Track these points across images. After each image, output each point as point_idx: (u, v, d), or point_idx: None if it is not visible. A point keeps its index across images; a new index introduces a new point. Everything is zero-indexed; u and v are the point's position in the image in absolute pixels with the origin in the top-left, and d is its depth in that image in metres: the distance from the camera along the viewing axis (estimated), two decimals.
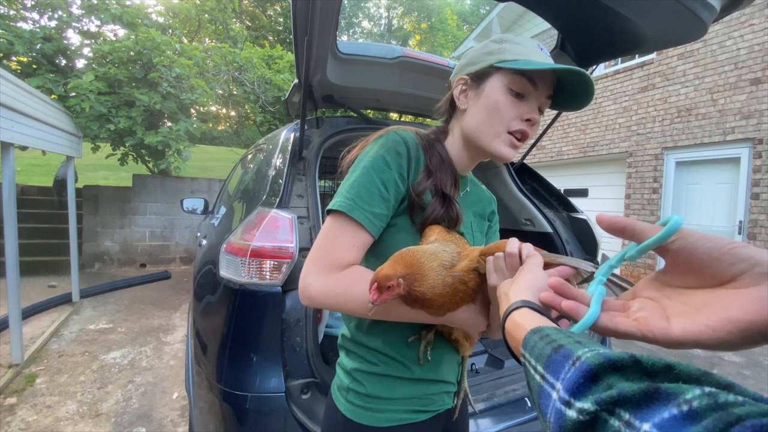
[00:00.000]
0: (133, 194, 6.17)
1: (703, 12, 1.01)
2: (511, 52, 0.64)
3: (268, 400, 1.11)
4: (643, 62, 5.93)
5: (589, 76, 0.60)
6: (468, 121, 0.70)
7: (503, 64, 0.63)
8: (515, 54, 0.64)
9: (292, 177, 1.38)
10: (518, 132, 0.66)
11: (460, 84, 0.70)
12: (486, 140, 0.67)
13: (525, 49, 0.64)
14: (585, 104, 0.65)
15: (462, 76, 0.70)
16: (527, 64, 0.61)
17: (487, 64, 0.66)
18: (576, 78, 0.62)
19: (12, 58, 5.12)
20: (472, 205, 0.80)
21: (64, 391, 2.48)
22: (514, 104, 0.65)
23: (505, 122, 0.65)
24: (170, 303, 4.44)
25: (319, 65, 1.43)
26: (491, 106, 0.65)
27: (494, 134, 0.66)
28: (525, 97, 0.65)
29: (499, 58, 0.64)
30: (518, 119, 0.65)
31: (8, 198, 2.65)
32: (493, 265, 0.55)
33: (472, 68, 0.68)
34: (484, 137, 0.67)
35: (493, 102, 0.65)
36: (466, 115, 0.70)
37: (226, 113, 7.65)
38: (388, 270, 0.53)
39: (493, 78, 0.66)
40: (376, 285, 0.52)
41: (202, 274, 1.61)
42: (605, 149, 6.51)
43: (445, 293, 0.55)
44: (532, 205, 1.87)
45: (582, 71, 0.60)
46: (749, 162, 4.72)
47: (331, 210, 0.64)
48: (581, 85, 0.62)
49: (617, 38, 1.19)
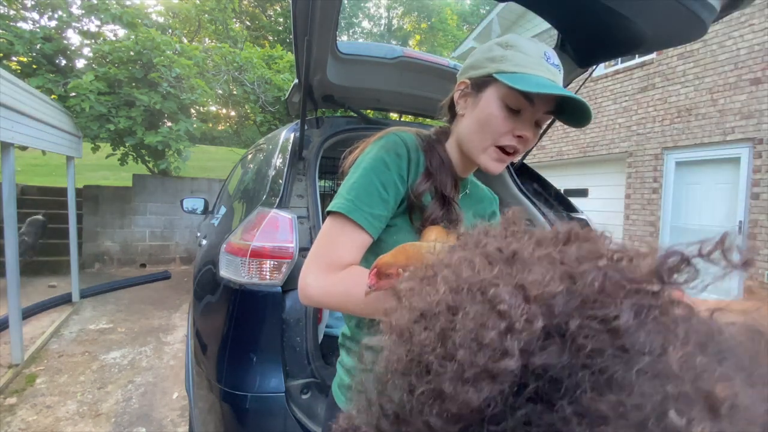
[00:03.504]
0: (133, 194, 6.17)
1: (703, 12, 1.01)
2: (513, 62, 0.61)
3: (268, 400, 1.11)
4: (643, 62, 5.93)
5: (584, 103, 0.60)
6: (462, 128, 0.69)
7: (501, 76, 0.60)
8: (516, 64, 0.60)
9: (292, 177, 1.38)
10: (509, 147, 0.64)
11: (461, 88, 0.69)
12: (474, 152, 0.67)
13: (529, 59, 0.61)
14: (582, 125, 0.63)
15: (463, 79, 0.69)
16: (522, 82, 0.58)
17: (487, 72, 0.63)
18: (571, 102, 0.61)
19: (12, 58, 5.12)
20: (473, 206, 0.80)
21: (64, 391, 2.48)
22: (507, 119, 0.63)
23: (494, 137, 0.64)
24: (170, 303, 4.44)
25: (319, 65, 1.43)
26: (484, 119, 0.64)
27: (482, 148, 0.66)
28: (520, 112, 0.63)
29: (498, 68, 0.62)
30: (509, 135, 0.64)
31: (8, 198, 2.65)
32: None
33: (474, 73, 0.66)
34: (473, 148, 0.67)
35: (487, 115, 0.64)
36: (462, 121, 0.69)
37: (226, 113, 7.65)
38: (389, 258, 0.53)
39: (491, 88, 0.64)
40: (376, 270, 0.52)
41: (202, 274, 1.61)
42: (605, 149, 6.51)
43: None
44: (532, 205, 1.87)
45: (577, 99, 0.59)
46: (749, 162, 4.72)
47: (331, 211, 0.65)
48: (577, 108, 0.62)
49: (617, 38, 1.19)
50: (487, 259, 0.24)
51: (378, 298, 0.59)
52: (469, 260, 0.24)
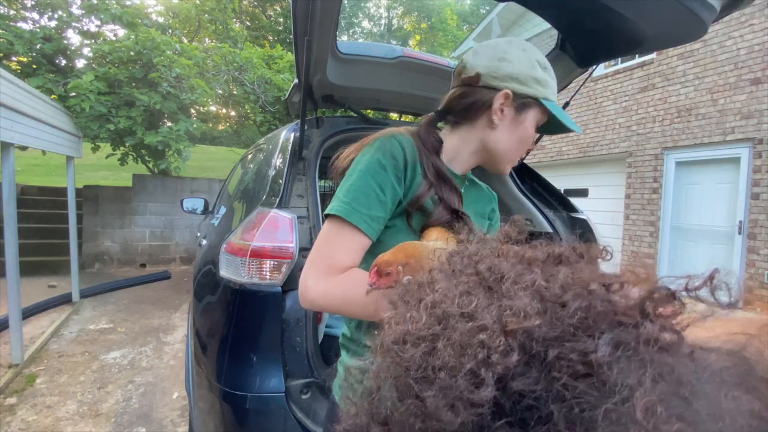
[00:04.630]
0: (133, 194, 6.17)
1: (703, 12, 1.01)
2: (551, 89, 0.68)
3: (268, 400, 1.11)
4: (643, 62, 5.93)
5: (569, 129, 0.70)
6: (497, 141, 0.70)
7: (550, 106, 0.67)
8: (553, 92, 0.69)
9: (292, 177, 1.37)
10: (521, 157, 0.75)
11: (503, 99, 0.66)
12: (504, 163, 0.73)
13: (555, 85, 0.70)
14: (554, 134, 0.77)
15: (507, 91, 0.66)
16: (564, 117, 0.68)
17: (534, 95, 0.67)
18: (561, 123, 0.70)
19: (12, 58, 5.13)
20: (471, 204, 0.79)
21: (64, 391, 2.48)
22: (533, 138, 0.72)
23: (523, 152, 0.73)
24: (170, 303, 4.44)
25: (319, 65, 1.42)
26: (524, 138, 0.70)
27: (512, 160, 0.73)
28: None
29: (545, 95, 0.67)
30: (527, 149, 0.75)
31: (8, 198, 2.65)
32: None
33: (519, 88, 0.66)
34: (506, 160, 0.73)
35: (527, 135, 0.70)
36: (497, 132, 0.69)
37: (226, 113, 7.65)
38: (389, 256, 0.53)
39: (533, 110, 0.69)
40: (375, 269, 0.52)
41: (202, 274, 1.61)
42: (605, 149, 6.51)
43: None
44: (532, 205, 1.87)
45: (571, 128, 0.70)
46: (749, 162, 4.72)
47: (329, 214, 0.64)
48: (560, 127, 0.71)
49: (617, 38, 1.19)
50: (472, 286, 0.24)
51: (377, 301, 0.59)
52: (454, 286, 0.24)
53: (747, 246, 4.72)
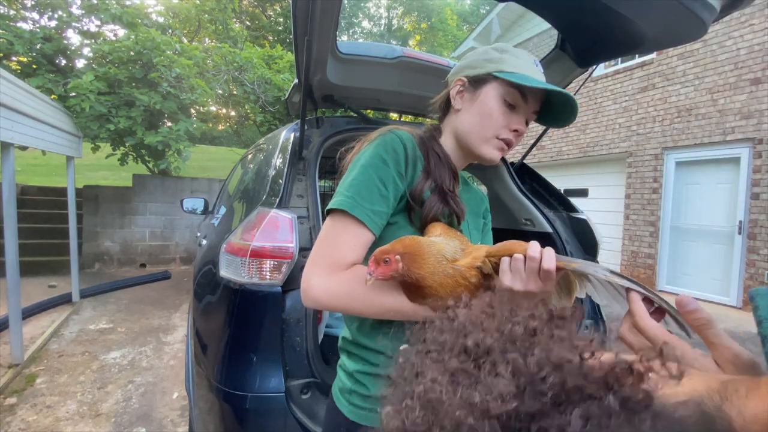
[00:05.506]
0: (133, 194, 6.17)
1: (703, 12, 1.01)
2: (510, 64, 0.67)
3: (268, 400, 1.11)
4: (643, 62, 5.93)
5: (574, 99, 0.65)
6: (461, 122, 0.72)
7: (502, 74, 0.66)
8: (513, 66, 0.67)
9: (292, 177, 1.37)
10: (505, 140, 0.70)
11: (458, 85, 0.72)
12: (475, 143, 0.70)
13: (523, 63, 0.67)
14: (568, 123, 0.70)
15: (461, 77, 0.72)
16: (523, 79, 0.65)
17: (486, 71, 0.68)
18: (563, 98, 0.67)
19: (12, 58, 5.13)
20: (466, 203, 0.80)
21: (64, 391, 2.48)
22: (506, 114, 0.68)
23: (495, 129, 0.69)
24: (170, 303, 4.44)
25: (319, 65, 1.42)
26: (485, 112, 0.68)
27: (484, 138, 0.70)
28: (516, 108, 0.68)
29: (498, 68, 0.67)
30: (507, 128, 0.69)
31: (8, 198, 2.65)
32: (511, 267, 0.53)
33: (471, 72, 0.70)
34: (474, 140, 0.70)
35: (488, 108, 0.68)
36: (460, 115, 0.72)
37: (226, 113, 7.65)
38: (386, 246, 0.54)
39: (489, 85, 0.68)
40: (373, 259, 0.53)
41: (202, 274, 1.62)
42: (605, 149, 6.51)
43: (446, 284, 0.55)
44: (532, 205, 1.87)
45: (569, 95, 0.65)
46: (749, 162, 4.72)
47: (331, 210, 0.64)
48: (567, 105, 0.68)
49: (617, 38, 1.19)
50: (459, 368, 0.27)
51: (380, 294, 0.59)
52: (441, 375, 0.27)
53: (747, 246, 4.72)
